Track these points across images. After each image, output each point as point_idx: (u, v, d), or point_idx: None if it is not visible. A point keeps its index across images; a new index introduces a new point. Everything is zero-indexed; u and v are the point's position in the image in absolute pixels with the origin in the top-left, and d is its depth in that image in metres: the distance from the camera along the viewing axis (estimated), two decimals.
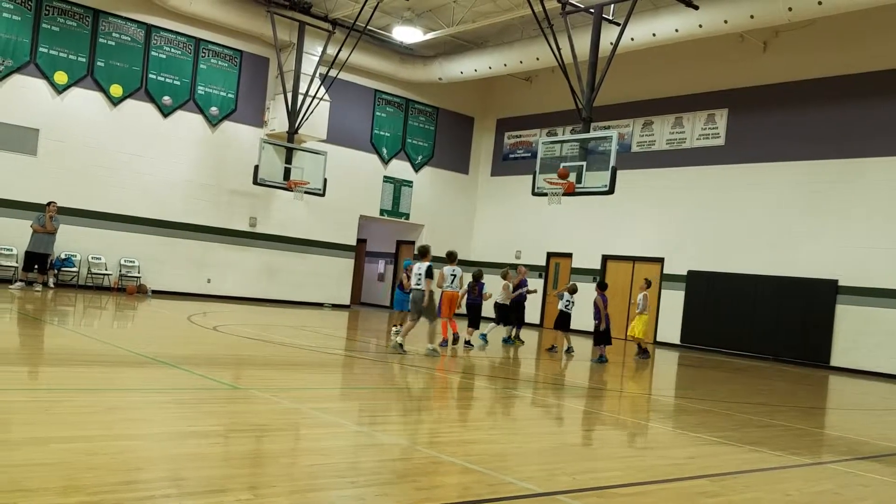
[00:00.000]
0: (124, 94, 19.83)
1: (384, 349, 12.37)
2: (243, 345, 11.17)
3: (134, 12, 19.91)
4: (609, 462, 5.66)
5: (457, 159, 26.73)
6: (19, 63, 18.33)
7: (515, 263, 21.26)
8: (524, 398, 8.80)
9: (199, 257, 21.16)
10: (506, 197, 25.95)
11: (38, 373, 7.13)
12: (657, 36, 18.61)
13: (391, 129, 25.03)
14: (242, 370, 8.75)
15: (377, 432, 5.88)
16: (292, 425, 5.87)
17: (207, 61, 21.24)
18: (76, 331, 11.24)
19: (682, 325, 20.82)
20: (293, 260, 22.95)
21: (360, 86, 24.04)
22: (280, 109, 21.51)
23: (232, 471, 4.35)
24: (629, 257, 22.24)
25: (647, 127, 22.24)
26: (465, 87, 25.75)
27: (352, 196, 23.89)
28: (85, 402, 5.93)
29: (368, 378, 9.37)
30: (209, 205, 21.30)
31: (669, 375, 14.27)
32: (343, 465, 4.75)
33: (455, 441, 5.76)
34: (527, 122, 25.61)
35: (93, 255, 19.38)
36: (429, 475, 4.64)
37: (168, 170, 20.53)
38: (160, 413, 5.85)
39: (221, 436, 5.24)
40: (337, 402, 7.43)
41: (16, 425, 4.94)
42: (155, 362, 8.23)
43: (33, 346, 9.15)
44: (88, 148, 19.26)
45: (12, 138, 18.28)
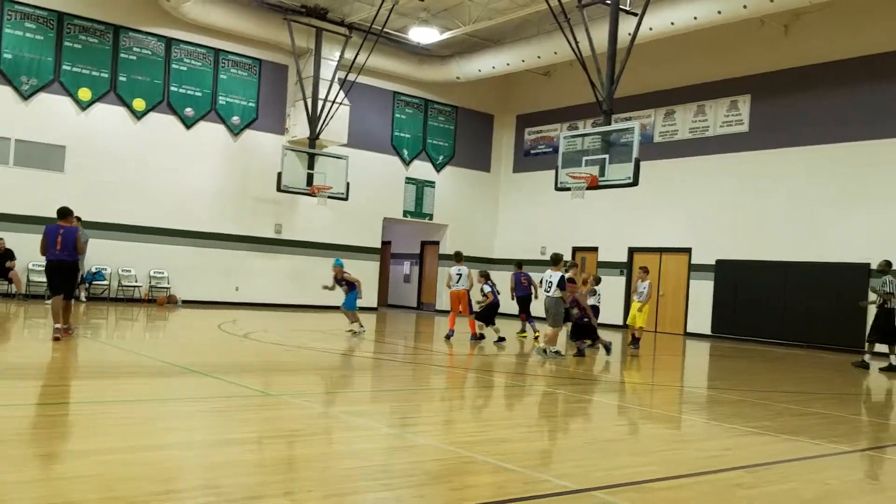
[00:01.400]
0: (147, 107, 20.07)
1: (412, 351, 12.38)
2: (273, 351, 11.26)
3: (153, 26, 20.14)
4: (644, 456, 5.62)
5: (478, 157, 26.70)
6: (44, 82, 18.62)
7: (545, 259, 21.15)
8: (554, 395, 8.77)
9: (227, 265, 21.35)
10: (529, 193, 25.87)
11: (75, 386, 7.24)
12: (675, 24, 18.45)
13: (411, 130, 25.07)
14: (274, 376, 8.82)
15: (409, 434, 5.90)
16: (325, 429, 5.90)
17: (227, 71, 21.42)
18: (110, 343, 11.39)
19: (712, 315, 20.62)
20: (319, 264, 23.04)
21: (379, 88, 24.10)
22: (300, 116, 21.64)
23: (267, 477, 4.38)
24: (656, 249, 22.06)
25: (668, 116, 22.06)
26: (484, 85, 25.71)
27: (375, 199, 23.96)
28: (121, 413, 6.01)
29: (398, 380, 9.40)
30: (235, 213, 21.49)
31: (701, 366, 14.14)
32: (377, 467, 4.76)
33: (487, 440, 5.75)
34: (547, 117, 25.51)
35: (123, 267, 19.63)
36: (463, 475, 4.64)
37: (193, 180, 20.74)
38: (195, 422, 5.91)
39: (255, 442, 5.29)
40: (368, 405, 7.46)
41: (55, 438, 5.02)
42: (188, 371, 8.32)
43: (69, 360, 9.29)
44: (114, 162, 19.52)
45: (40, 156, 18.58)
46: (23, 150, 18.39)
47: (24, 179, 18.31)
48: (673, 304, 21.49)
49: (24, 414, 5.84)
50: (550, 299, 11.87)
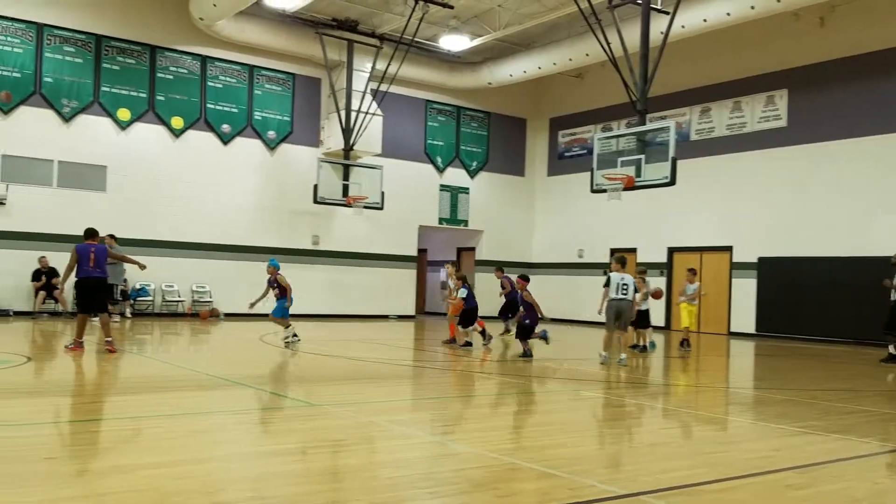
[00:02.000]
0: (185, 125, 20.43)
1: (455, 357, 12.38)
2: (315, 361, 11.35)
3: (189, 45, 20.50)
4: (691, 459, 5.54)
5: (512, 162, 26.66)
6: (84, 103, 19.06)
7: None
8: (597, 399, 8.70)
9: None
10: (564, 196, 25.75)
11: (123, 401, 7.38)
12: (708, 21, 18.24)
13: (444, 137, 25.14)
14: (316, 386, 8.88)
15: (452, 441, 5.90)
16: (368, 438, 5.93)
17: (262, 87, 21.71)
18: (155, 358, 11.59)
19: (756, 313, 20.29)
20: (357, 274, 23.21)
21: (411, 97, 24.21)
22: (334, 128, 21.83)
23: (313, 486, 4.42)
24: (696, 248, 21.78)
25: (704, 114, 21.79)
26: (516, 90, 25.67)
27: (410, 207, 24.05)
28: (170, 427, 6.10)
29: (439, 388, 9.40)
30: (273, 226, 21.74)
31: (746, 366, 13.91)
32: (422, 475, 4.77)
33: (531, 446, 5.73)
34: (581, 119, 25.38)
35: (165, 283, 19.97)
36: (508, 482, 4.63)
37: (231, 195, 21.03)
38: (241, 433, 5.98)
39: (300, 453, 5.33)
40: (410, 414, 7.47)
41: (106, 454, 5.12)
42: (233, 384, 8.43)
43: (116, 376, 9.47)
44: (154, 180, 19.88)
45: (82, 176, 19.00)
46: (65, 172, 18.83)
47: (67, 200, 18.74)
48: (716, 303, 21.18)
49: (74, 430, 5.96)
50: (626, 302, 11.49)
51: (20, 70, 18.28)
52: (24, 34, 18.35)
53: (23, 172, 18.29)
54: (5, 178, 18.08)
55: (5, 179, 18.07)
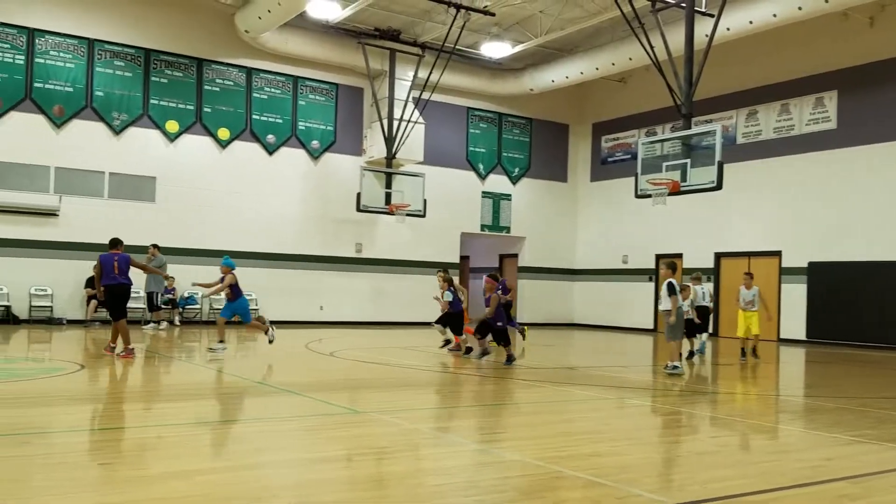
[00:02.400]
0: (231, 136, 20.79)
1: (498, 365, 12.35)
2: (359, 368, 11.42)
3: (235, 57, 20.87)
4: (741, 468, 5.44)
5: (554, 168, 26.54)
6: (133, 116, 19.53)
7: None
8: (644, 407, 8.60)
9: (311, 285, 21.82)
10: (608, 201, 25.54)
11: (173, 408, 7.51)
12: (754, 23, 17.96)
13: (486, 144, 25.14)
14: (361, 393, 8.94)
15: (497, 449, 5.88)
16: (412, 446, 5.94)
17: (306, 97, 22.00)
18: (203, 365, 11.78)
19: (806, 319, 19.85)
20: (399, 281, 23.31)
21: (453, 105, 24.29)
22: (377, 136, 22.01)
23: (358, 494, 4.44)
24: (743, 253, 21.41)
25: (751, 117, 21.43)
26: (558, 95, 25.58)
27: (452, 214, 24.10)
28: (218, 433, 6.20)
29: (481, 395, 9.38)
30: (316, 234, 21.98)
31: (796, 373, 13.61)
32: (467, 483, 4.76)
33: (577, 454, 5.68)
34: (624, 124, 25.17)
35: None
36: (554, 490, 4.60)
37: (276, 204, 21.33)
38: (287, 440, 6.05)
39: (346, 460, 5.37)
40: (454, 421, 7.47)
41: (157, 459, 5.22)
42: (279, 391, 8.52)
43: (167, 383, 9.66)
44: (202, 190, 20.27)
45: (132, 187, 19.47)
46: (116, 183, 19.30)
47: (118, 210, 19.20)
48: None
49: (127, 436, 6.09)
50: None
51: (72, 84, 18.81)
52: (75, 49, 18.89)
53: (75, 184, 18.79)
54: (58, 189, 18.60)
55: (58, 191, 18.59)
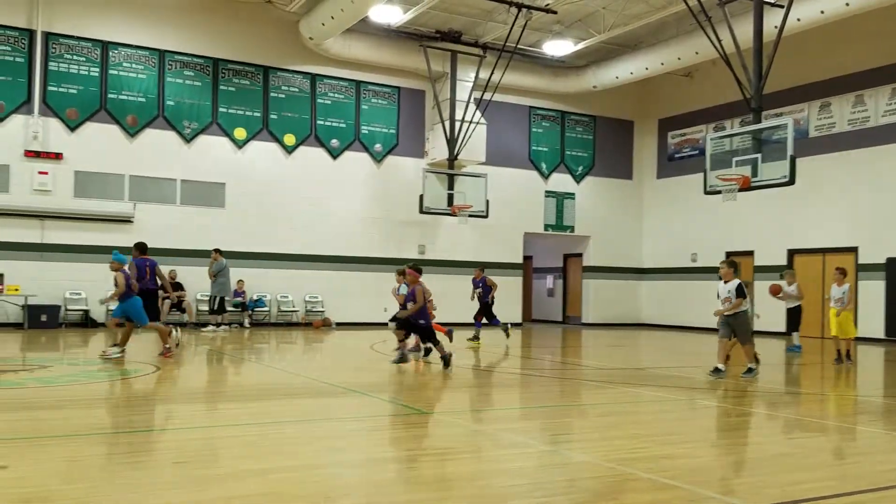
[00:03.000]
0: (297, 141, 21.16)
1: (560, 366, 12.24)
2: (424, 369, 11.45)
3: (299, 64, 21.24)
4: (819, 471, 5.25)
5: (619, 166, 26.18)
6: (203, 124, 20.06)
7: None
8: (716, 408, 8.38)
9: (375, 287, 21.98)
10: (675, 199, 25.05)
11: (245, 408, 7.67)
12: (826, 13, 17.33)
13: (549, 143, 24.96)
14: (426, 394, 8.96)
15: (565, 450, 5.81)
16: (479, 447, 5.92)
17: (368, 101, 22.23)
18: (273, 366, 12.01)
19: (885, 317, 19.06)
20: (463, 282, 23.26)
21: (515, 104, 24.19)
22: (439, 138, 22.08)
23: (425, 494, 4.44)
24: (818, 249, 20.70)
25: (824, 109, 20.72)
26: (622, 92, 25.20)
27: (515, 214, 24.00)
28: (289, 433, 6.30)
29: (549, 396, 9.30)
30: (380, 237, 22.18)
31: (874, 373, 13.08)
32: (533, 485, 4.72)
33: (647, 456, 5.57)
34: (691, 119, 24.65)
35: (281, 294, 20.71)
36: (624, 492, 4.52)
37: (340, 207, 21.61)
38: (355, 440, 6.10)
39: (412, 460, 5.38)
40: (521, 422, 7.42)
41: (229, 459, 5.33)
42: (346, 391, 8.62)
43: (238, 383, 9.87)
44: (269, 195, 20.68)
45: (203, 193, 19.99)
46: (188, 189, 19.85)
47: (189, 216, 19.75)
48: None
49: (200, 435, 6.24)
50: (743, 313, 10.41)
51: (145, 95, 19.43)
52: (147, 60, 19.50)
53: (149, 191, 19.40)
54: (133, 197, 19.23)
55: (133, 199, 19.22)
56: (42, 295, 17.78)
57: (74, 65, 18.76)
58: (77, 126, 18.72)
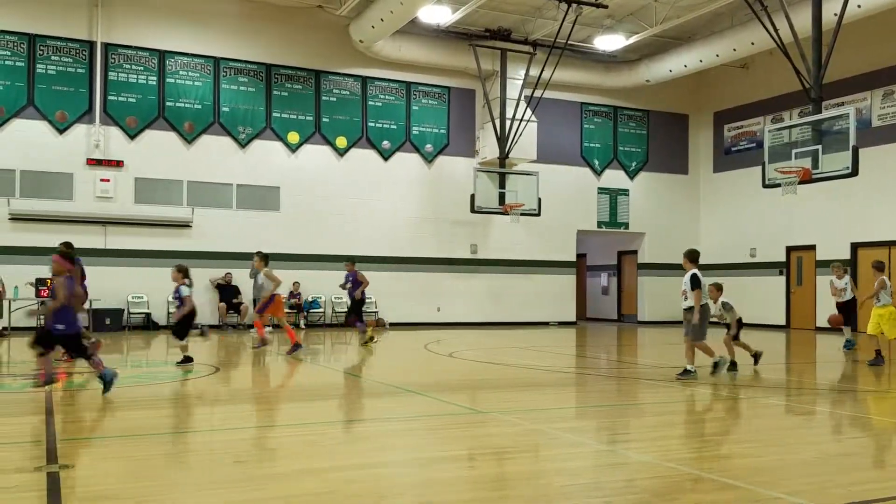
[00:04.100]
0: (349, 144, 21.36)
1: (617, 366, 12.09)
2: (478, 369, 11.44)
3: (350, 68, 21.43)
4: (885, 471, 5.06)
5: (674, 160, 25.74)
6: (257, 129, 20.39)
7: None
8: (775, 406, 8.16)
9: (428, 287, 22.08)
10: (732, 193, 24.52)
11: (300, 408, 7.75)
12: None
13: (601, 139, 24.68)
14: (481, 393, 8.94)
15: (623, 450, 5.72)
16: (535, 446, 5.87)
17: (419, 102, 22.30)
18: (328, 366, 12.13)
19: None
20: (515, 281, 23.23)
21: (566, 101, 23.97)
22: (489, 137, 22.02)
23: (482, 494, 4.42)
24: (884, 242, 20.01)
25: (887, 97, 20.02)
26: (675, 85, 24.77)
27: (567, 212, 23.79)
28: (344, 432, 6.34)
29: (604, 395, 9.18)
30: (432, 237, 22.22)
31: None
32: (595, 485, 4.65)
33: (708, 456, 5.45)
34: (748, 111, 24.09)
35: (335, 295, 20.90)
36: (686, 493, 4.42)
37: (392, 208, 21.72)
38: (411, 440, 6.11)
39: (468, 459, 5.36)
40: (577, 422, 7.34)
41: (288, 458, 5.39)
42: (401, 391, 8.64)
43: (294, 384, 9.99)
44: (322, 197, 20.91)
45: (258, 197, 20.33)
46: (243, 194, 20.20)
47: (245, 220, 20.10)
48: None
49: (259, 435, 6.33)
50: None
51: (201, 102, 19.84)
52: (202, 68, 19.91)
53: (206, 196, 19.81)
54: (191, 202, 19.65)
55: (191, 204, 19.64)
56: (106, 299, 18.30)
57: (133, 74, 19.27)
58: (136, 134, 19.22)
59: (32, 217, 18.07)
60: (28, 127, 18.24)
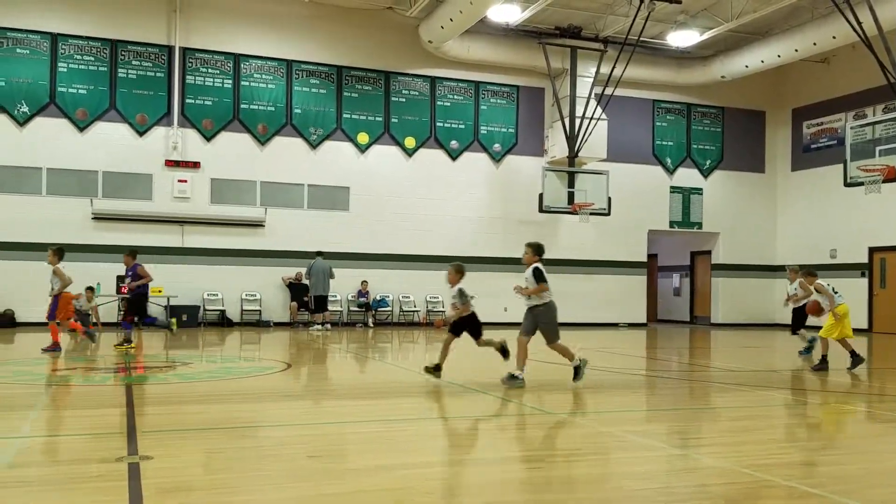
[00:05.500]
0: (417, 144, 21.50)
1: (688, 368, 11.83)
2: (546, 369, 11.35)
3: (419, 68, 21.57)
4: None
5: (750, 158, 25.04)
6: (328, 130, 20.72)
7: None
8: (859, 412, 7.84)
9: (495, 287, 21.93)
10: (812, 192, 23.71)
11: (371, 405, 7.83)
12: None
13: (674, 137, 24.20)
14: (550, 394, 8.86)
15: (695, 455, 5.59)
16: (605, 449, 5.79)
17: (487, 101, 22.29)
18: (396, 364, 12.24)
19: None
20: (584, 282, 22.96)
21: (637, 98, 23.59)
22: (558, 136, 21.84)
23: (551, 495, 4.38)
24: None
25: None
26: (752, 81, 24.08)
27: (638, 212, 23.41)
28: (413, 430, 6.38)
29: (675, 398, 8.99)
30: (499, 237, 22.16)
31: None
32: (664, 489, 4.56)
33: (785, 462, 5.28)
34: (828, 108, 23.25)
35: (403, 294, 21.09)
36: (761, 499, 4.29)
37: (459, 208, 21.77)
38: (479, 439, 6.11)
39: (537, 460, 5.32)
40: (647, 424, 7.20)
41: (359, 454, 5.45)
42: (469, 390, 8.65)
43: (364, 381, 10.11)
44: (391, 198, 21.11)
45: (328, 197, 20.66)
46: (314, 194, 20.56)
47: (316, 220, 20.46)
48: None
49: (330, 430, 6.42)
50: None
51: (274, 104, 20.27)
52: (276, 71, 20.35)
53: (278, 196, 20.24)
54: (264, 202, 20.11)
55: (264, 204, 20.10)
56: (183, 296, 18.88)
57: (209, 77, 19.82)
58: (213, 136, 19.77)
59: (114, 217, 18.79)
60: (110, 129, 18.98)
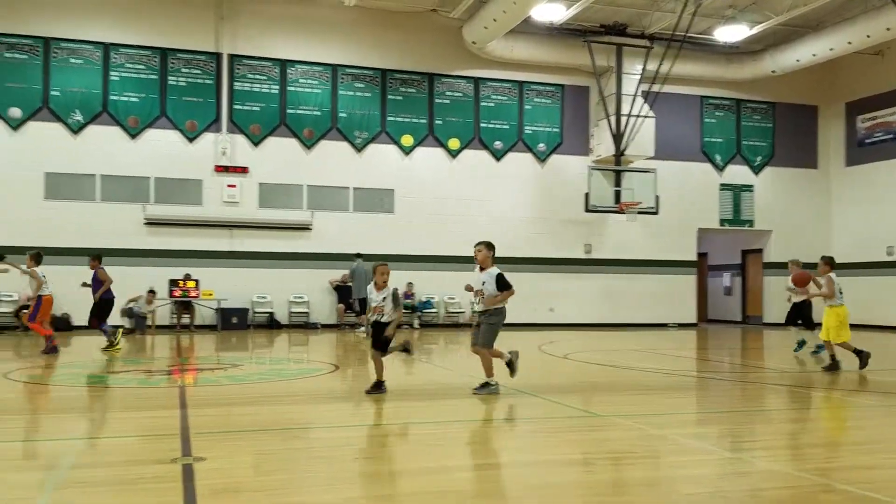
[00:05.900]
0: (461, 145, 21.50)
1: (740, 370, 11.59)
2: (595, 371, 11.25)
3: (463, 69, 21.57)
4: None
5: (802, 154, 24.46)
6: (373, 133, 20.85)
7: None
8: None
9: (541, 288, 21.86)
10: (867, 187, 23.06)
11: (421, 407, 7.84)
12: None
13: (723, 133, 23.77)
14: (599, 396, 8.78)
15: (749, 458, 5.47)
16: (656, 452, 5.70)
17: (531, 101, 22.18)
18: (443, 366, 12.25)
19: None
20: (631, 282, 22.69)
21: (685, 95, 23.23)
22: (604, 134, 21.62)
23: (603, 499, 4.33)
24: None
25: None
26: (803, 75, 23.52)
27: (687, 210, 23.04)
28: (463, 432, 6.38)
29: (728, 400, 8.82)
30: (544, 237, 22.03)
31: None
32: (717, 493, 4.47)
33: (844, 466, 5.14)
34: (884, 101, 22.59)
35: (448, 295, 21.09)
36: None
37: (504, 208, 21.69)
38: (528, 442, 6.07)
39: (587, 463, 5.27)
40: (699, 427, 7.08)
41: (410, 455, 5.47)
42: (516, 393, 8.61)
43: (411, 383, 10.13)
44: (435, 199, 21.14)
45: (373, 200, 20.78)
46: (360, 197, 20.70)
47: (361, 222, 20.59)
48: None
49: (378, 433, 6.46)
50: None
51: (319, 108, 20.48)
52: (321, 76, 20.55)
53: (324, 200, 20.43)
54: (311, 206, 20.32)
55: (311, 207, 20.31)
56: (232, 299, 19.18)
57: (257, 84, 20.11)
58: (260, 141, 20.05)
59: (165, 221, 19.18)
60: (161, 136, 19.38)
